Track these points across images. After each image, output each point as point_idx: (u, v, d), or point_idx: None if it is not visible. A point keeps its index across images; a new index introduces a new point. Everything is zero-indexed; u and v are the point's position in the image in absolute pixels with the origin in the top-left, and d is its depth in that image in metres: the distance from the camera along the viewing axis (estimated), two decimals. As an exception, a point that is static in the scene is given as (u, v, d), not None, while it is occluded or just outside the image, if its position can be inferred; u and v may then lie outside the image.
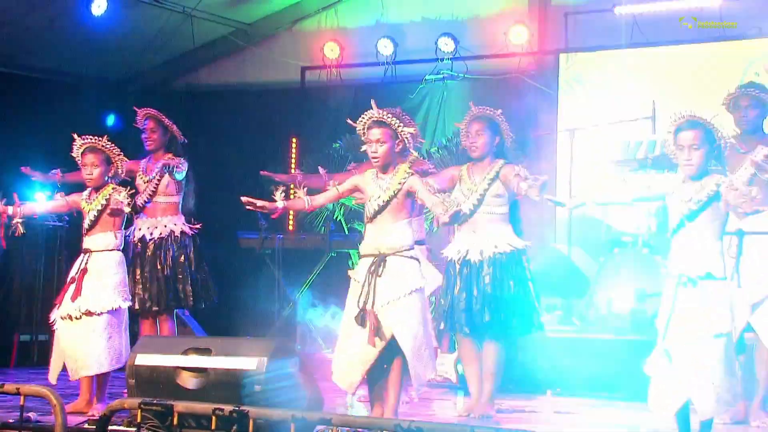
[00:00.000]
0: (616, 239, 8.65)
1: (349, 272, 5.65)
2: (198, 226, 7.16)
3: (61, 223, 9.62)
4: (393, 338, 5.31)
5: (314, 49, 11.13)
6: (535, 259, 6.48)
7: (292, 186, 6.50)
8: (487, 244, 5.99)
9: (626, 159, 8.36)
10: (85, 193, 6.09)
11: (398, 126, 5.45)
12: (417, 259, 5.47)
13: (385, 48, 10.65)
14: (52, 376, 5.97)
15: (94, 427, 3.80)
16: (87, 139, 5.99)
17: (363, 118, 5.53)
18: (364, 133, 5.53)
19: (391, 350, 5.34)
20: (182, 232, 7.05)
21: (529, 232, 6.32)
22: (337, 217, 10.60)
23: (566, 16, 10.19)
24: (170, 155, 7.04)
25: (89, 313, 5.84)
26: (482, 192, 5.99)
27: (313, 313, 9.77)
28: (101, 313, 5.86)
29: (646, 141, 9.53)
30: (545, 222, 9.47)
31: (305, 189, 5.66)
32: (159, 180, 6.97)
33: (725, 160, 4.87)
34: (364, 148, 5.60)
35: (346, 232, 10.38)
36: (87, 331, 5.81)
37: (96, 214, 5.98)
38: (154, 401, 3.84)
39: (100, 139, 6.00)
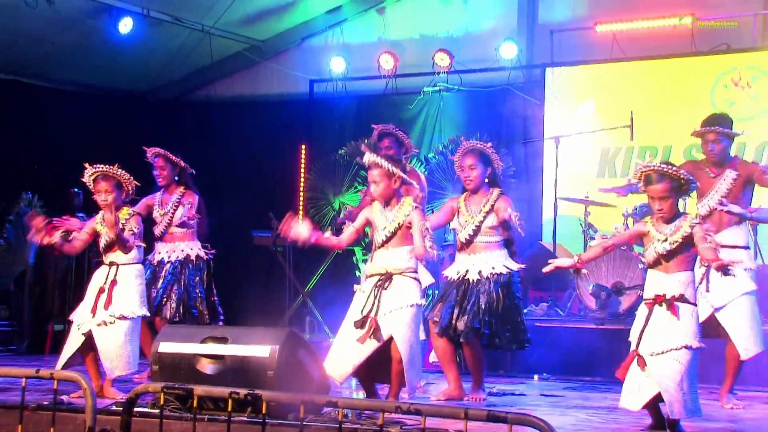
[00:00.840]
0: (597, 238, 8.64)
1: (355, 286, 5.76)
2: (212, 251, 7.18)
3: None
4: (387, 342, 5.42)
5: (321, 64, 11.15)
6: (524, 255, 6.49)
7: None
8: (484, 266, 6.05)
9: (615, 186, 8.37)
10: (100, 216, 6.04)
11: (389, 167, 5.54)
12: (418, 281, 5.62)
13: (387, 62, 10.66)
14: (60, 365, 5.94)
15: (122, 408, 3.81)
16: (98, 167, 5.93)
17: (365, 157, 5.65)
18: (367, 169, 5.68)
19: (382, 353, 5.44)
20: (197, 256, 7.09)
21: (518, 251, 6.34)
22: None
23: (552, 34, 10.20)
24: (182, 188, 7.07)
25: (123, 318, 5.88)
26: (477, 224, 6.06)
27: (321, 304, 9.80)
28: (131, 317, 5.91)
29: (624, 147, 9.54)
30: (533, 222, 9.49)
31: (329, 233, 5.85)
32: (173, 213, 7.02)
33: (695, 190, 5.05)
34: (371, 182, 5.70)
35: (351, 231, 10.40)
36: (120, 334, 5.84)
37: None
38: (176, 385, 3.85)
39: (111, 167, 5.94)
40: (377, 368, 5.53)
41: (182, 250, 7.08)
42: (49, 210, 9.57)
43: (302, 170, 11.00)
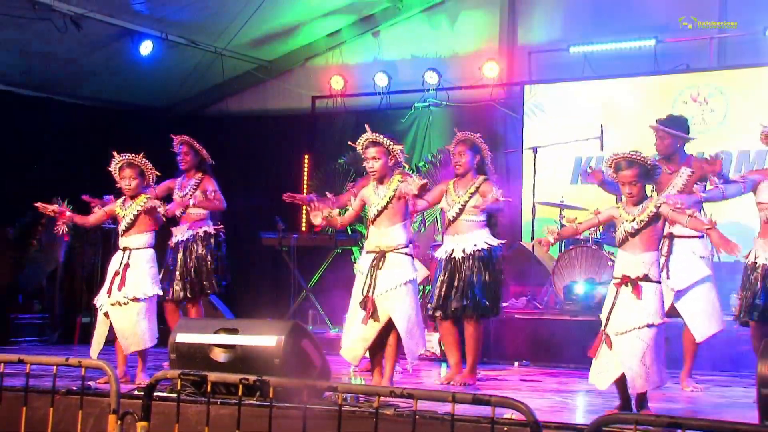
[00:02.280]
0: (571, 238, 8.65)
1: (355, 266, 5.67)
2: (220, 226, 7.10)
3: (114, 225, 9.60)
4: (389, 320, 5.34)
5: (323, 82, 11.14)
6: (505, 255, 6.48)
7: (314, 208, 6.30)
8: (468, 244, 6.01)
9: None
10: (120, 201, 6.05)
11: (390, 144, 5.50)
12: (411, 255, 5.52)
13: (381, 80, 10.66)
14: (94, 352, 5.94)
15: (143, 393, 3.80)
16: (124, 155, 5.95)
17: (361, 139, 5.58)
18: (362, 151, 5.57)
19: (387, 330, 5.38)
20: (206, 232, 7.01)
21: (500, 232, 6.33)
22: (342, 220, 10.61)
23: (530, 54, 10.21)
24: (200, 174, 7.01)
25: (135, 299, 5.83)
26: (463, 203, 6.02)
27: (322, 299, 9.79)
28: (143, 299, 5.85)
29: (595, 157, 9.54)
30: (513, 224, 9.49)
31: (337, 211, 5.66)
32: (192, 195, 6.96)
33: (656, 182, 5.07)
34: (364, 164, 5.62)
35: (349, 233, 10.38)
36: (133, 314, 5.81)
37: (132, 219, 5.95)
38: (191, 372, 3.83)
39: (137, 155, 5.95)
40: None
41: (195, 230, 6.95)
42: (78, 213, 9.56)
43: (305, 178, 10.98)
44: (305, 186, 10.94)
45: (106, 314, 5.88)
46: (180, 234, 7.00)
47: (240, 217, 9.24)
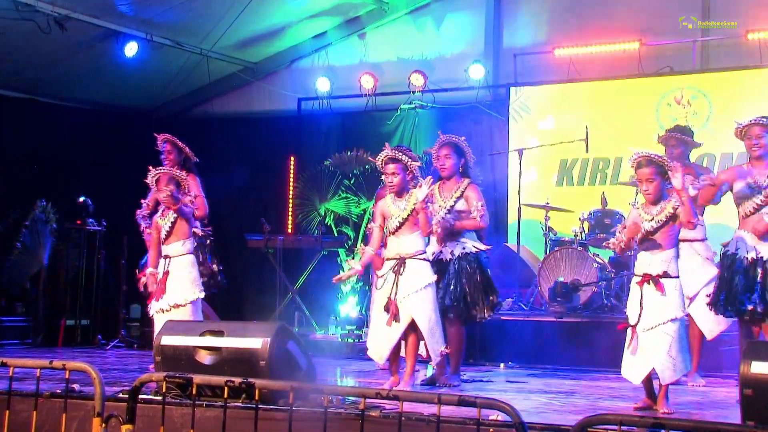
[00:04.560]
0: (557, 239, 8.68)
1: (377, 272, 5.94)
2: (209, 229, 7.08)
3: (99, 228, 9.59)
4: (411, 322, 5.60)
5: (308, 84, 11.13)
6: (491, 256, 6.48)
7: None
8: (456, 247, 6.04)
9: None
10: (159, 211, 6.26)
11: (408, 161, 5.73)
12: (428, 260, 5.78)
13: (367, 82, 10.65)
14: None
15: (128, 396, 3.78)
16: (161, 169, 6.21)
17: (380, 155, 5.79)
18: (381, 167, 5.81)
19: (409, 331, 5.64)
20: (193, 233, 6.96)
21: (483, 235, 6.35)
22: (327, 222, 10.60)
23: (515, 57, 10.23)
24: (184, 172, 6.94)
25: (177, 306, 6.00)
26: (449, 208, 6.05)
27: (308, 301, 9.78)
28: (184, 304, 6.01)
29: (580, 159, 9.59)
30: (499, 226, 9.52)
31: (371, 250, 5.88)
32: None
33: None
34: (382, 178, 5.88)
35: (336, 234, 10.39)
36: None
37: (169, 227, 6.12)
38: (177, 375, 3.82)
39: (171, 168, 6.30)
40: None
41: None
42: (63, 216, 9.52)
43: (291, 180, 10.98)
44: (291, 188, 10.94)
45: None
46: None
47: (225, 219, 9.21)
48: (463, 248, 6.02)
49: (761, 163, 5.52)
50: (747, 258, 5.44)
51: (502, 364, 7.58)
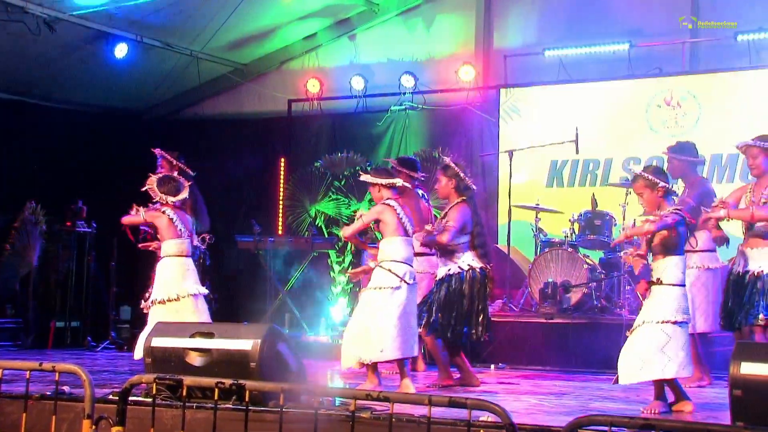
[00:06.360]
0: (547, 241, 8.70)
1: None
2: (208, 238, 7.05)
3: (89, 229, 9.56)
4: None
5: (299, 85, 11.12)
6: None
7: None
8: (453, 265, 6.07)
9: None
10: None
11: (372, 179, 5.97)
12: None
13: (358, 84, 10.66)
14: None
15: (118, 398, 3.77)
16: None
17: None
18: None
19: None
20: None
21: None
22: (318, 224, 10.60)
23: (505, 58, 10.24)
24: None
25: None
26: (436, 225, 6.24)
27: (299, 302, 9.76)
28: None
29: (570, 160, 9.61)
30: (489, 228, 9.52)
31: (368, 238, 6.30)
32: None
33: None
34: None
35: (326, 236, 10.38)
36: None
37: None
38: (167, 376, 3.82)
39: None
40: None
41: None
42: (53, 218, 9.49)
43: (281, 181, 10.96)
44: (281, 190, 10.93)
45: None
46: None
47: (216, 220, 9.18)
48: (459, 267, 6.09)
49: (762, 180, 5.68)
50: (752, 272, 5.55)
51: (492, 366, 7.59)
